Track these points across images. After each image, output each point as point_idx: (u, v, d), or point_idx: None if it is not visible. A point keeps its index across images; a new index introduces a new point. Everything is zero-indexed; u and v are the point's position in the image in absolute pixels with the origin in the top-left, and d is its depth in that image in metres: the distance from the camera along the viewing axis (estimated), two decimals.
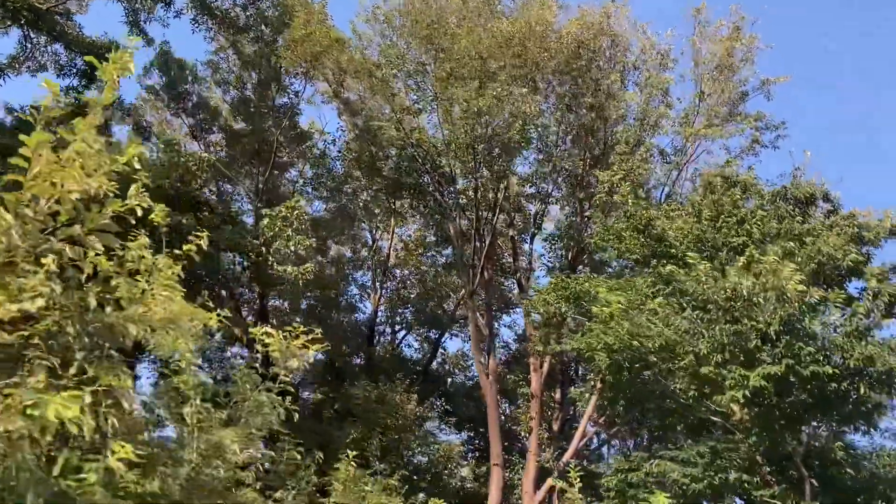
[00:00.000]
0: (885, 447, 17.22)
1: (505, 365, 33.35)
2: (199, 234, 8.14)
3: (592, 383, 23.10)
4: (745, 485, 14.97)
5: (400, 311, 34.57)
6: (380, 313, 33.58)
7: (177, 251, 7.94)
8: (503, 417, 31.69)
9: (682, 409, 17.24)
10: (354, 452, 12.89)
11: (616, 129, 25.92)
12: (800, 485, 14.67)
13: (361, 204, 31.05)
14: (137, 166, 7.15)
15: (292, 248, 22.21)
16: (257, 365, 8.19)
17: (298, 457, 9.42)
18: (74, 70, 27.67)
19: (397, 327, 35.13)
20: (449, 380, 35.85)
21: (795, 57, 60.51)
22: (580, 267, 27.39)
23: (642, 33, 26.67)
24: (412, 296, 34.37)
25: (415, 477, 28.31)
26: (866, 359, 13.49)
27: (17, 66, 27.17)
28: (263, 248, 22.84)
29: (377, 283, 32.94)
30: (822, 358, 13.57)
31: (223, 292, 29.61)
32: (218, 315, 8.10)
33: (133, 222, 6.56)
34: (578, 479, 11.80)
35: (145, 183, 6.71)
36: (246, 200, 29.62)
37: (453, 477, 30.57)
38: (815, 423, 15.70)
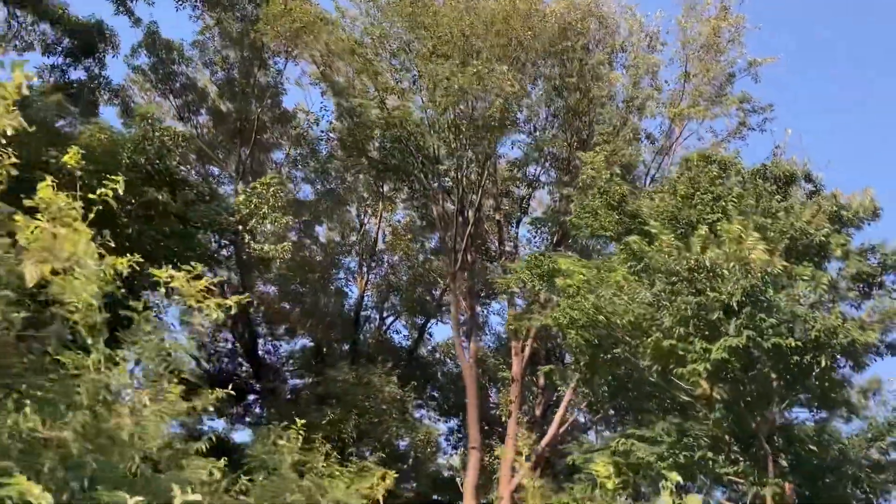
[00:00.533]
0: (863, 429, 16.84)
1: (495, 352, 32.96)
2: (114, 178, 7.88)
3: (573, 367, 22.73)
4: (711, 462, 14.62)
5: (388, 296, 34.22)
6: (367, 299, 33.25)
7: (91, 196, 7.70)
8: (492, 405, 31.32)
9: (658, 391, 16.89)
10: (301, 427, 12.45)
11: (601, 111, 25.55)
12: (766, 463, 14.32)
13: (346, 186, 30.75)
14: (26, 92, 6.95)
15: (269, 226, 21.87)
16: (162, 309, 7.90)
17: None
18: (61, 49, 27.71)
19: (385, 313, 34.79)
20: (438, 368, 35.46)
21: (792, 44, 59.89)
22: (566, 251, 27.00)
23: (631, 15, 26.33)
24: (402, 281, 34.03)
25: (399, 463, 28.02)
26: (828, 331, 13.12)
27: (3, 44, 27.25)
28: (240, 226, 22.54)
29: (364, 268, 32.62)
30: (784, 330, 13.20)
31: (209, 274, 29.39)
32: (129, 260, 7.84)
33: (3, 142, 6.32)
34: (526, 449, 11.52)
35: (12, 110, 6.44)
36: (231, 182, 29.36)
37: (432, 461, 30.24)
38: (781, 400, 15.28)
